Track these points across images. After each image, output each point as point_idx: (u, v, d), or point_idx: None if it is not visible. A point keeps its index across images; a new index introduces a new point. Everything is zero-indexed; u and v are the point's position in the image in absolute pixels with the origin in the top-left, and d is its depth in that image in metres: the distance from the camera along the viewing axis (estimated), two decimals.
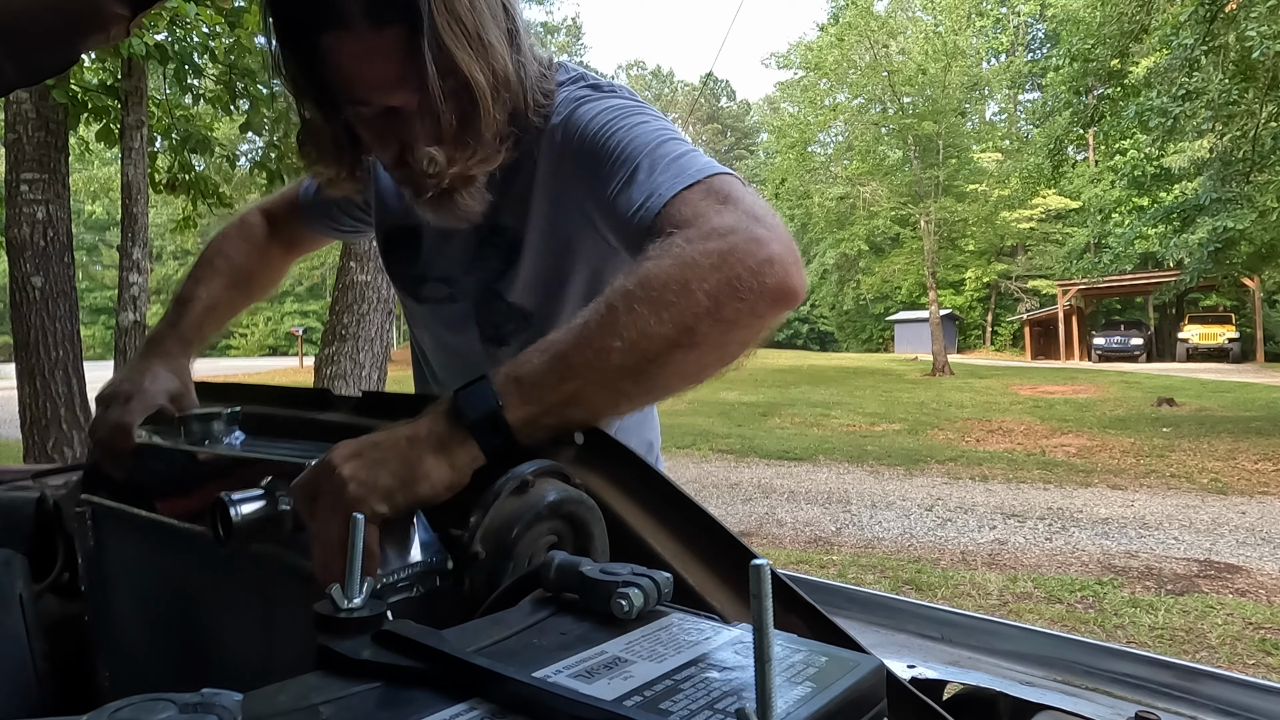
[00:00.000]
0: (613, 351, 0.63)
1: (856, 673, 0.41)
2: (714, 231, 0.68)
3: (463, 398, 0.63)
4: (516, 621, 0.48)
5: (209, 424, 0.80)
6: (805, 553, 5.23)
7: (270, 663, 0.69)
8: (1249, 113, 10.71)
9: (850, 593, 1.15)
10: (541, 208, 0.92)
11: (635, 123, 0.84)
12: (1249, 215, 10.98)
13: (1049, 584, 4.45)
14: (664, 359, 0.64)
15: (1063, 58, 12.74)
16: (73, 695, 0.97)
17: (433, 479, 0.61)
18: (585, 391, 0.64)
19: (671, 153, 0.79)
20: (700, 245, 0.66)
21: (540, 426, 0.64)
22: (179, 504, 0.80)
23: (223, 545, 0.60)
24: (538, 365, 0.64)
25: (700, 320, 0.64)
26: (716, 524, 0.63)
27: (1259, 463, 7.97)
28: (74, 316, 4.95)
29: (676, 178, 0.75)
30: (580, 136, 0.86)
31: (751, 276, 0.65)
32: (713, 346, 0.66)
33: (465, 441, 0.62)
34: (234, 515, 0.60)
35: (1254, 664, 3.40)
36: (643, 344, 0.63)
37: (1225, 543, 5.32)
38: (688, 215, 0.71)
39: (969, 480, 7.55)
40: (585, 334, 0.64)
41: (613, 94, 0.90)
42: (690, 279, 0.64)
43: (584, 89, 0.90)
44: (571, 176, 0.88)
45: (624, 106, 0.87)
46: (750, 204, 0.72)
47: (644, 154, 0.79)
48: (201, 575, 0.78)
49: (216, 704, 0.33)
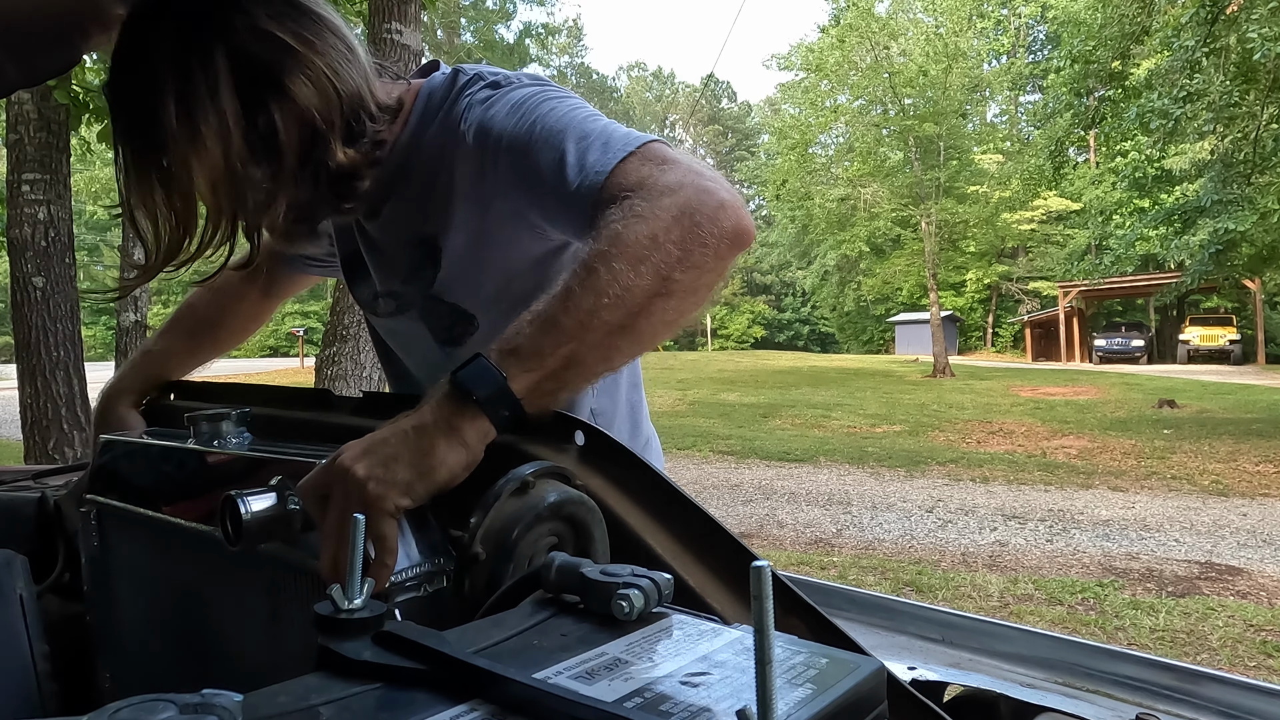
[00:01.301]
0: (601, 309, 0.66)
1: (857, 674, 0.41)
2: (666, 189, 0.72)
3: (464, 377, 0.65)
4: (517, 623, 0.48)
5: (218, 424, 0.80)
6: (806, 554, 5.22)
7: (273, 663, 0.69)
8: (1250, 114, 10.70)
9: (851, 594, 1.15)
10: (465, 211, 0.93)
11: (549, 107, 0.85)
12: (1250, 217, 10.96)
13: (1050, 586, 4.45)
14: (647, 310, 0.68)
15: (1064, 59, 12.75)
16: (73, 696, 0.97)
17: (449, 462, 0.62)
18: (580, 352, 0.66)
19: (596, 128, 0.81)
20: (658, 202, 0.71)
21: (542, 393, 0.66)
22: (186, 504, 0.80)
23: (233, 545, 0.60)
24: (531, 334, 0.66)
25: (674, 269, 0.69)
26: (717, 525, 0.63)
27: (1260, 465, 7.96)
28: (75, 317, 4.95)
29: (612, 150, 0.78)
30: (497, 135, 0.86)
31: (710, 223, 0.70)
32: (687, 292, 0.70)
33: (475, 418, 0.63)
34: (244, 514, 0.60)
35: (1255, 666, 3.39)
36: (627, 298, 0.67)
37: (1226, 545, 5.32)
38: (634, 181, 0.75)
39: (970, 482, 7.54)
40: (571, 298, 0.67)
41: (516, 85, 0.90)
42: (657, 233, 0.69)
43: (484, 89, 0.91)
44: (493, 174, 0.88)
45: (532, 94, 0.88)
46: (688, 162, 0.77)
47: (569, 133, 0.81)
48: (206, 576, 0.78)
49: (216, 704, 0.33)
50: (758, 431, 11.01)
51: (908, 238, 23.12)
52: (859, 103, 21.90)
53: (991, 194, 23.03)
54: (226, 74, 0.77)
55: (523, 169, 0.84)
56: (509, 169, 0.86)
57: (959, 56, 20.54)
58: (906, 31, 21.29)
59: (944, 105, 20.50)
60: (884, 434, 10.84)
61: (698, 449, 9.41)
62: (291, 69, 0.79)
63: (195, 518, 0.77)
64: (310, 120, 0.81)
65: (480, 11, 30.92)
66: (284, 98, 0.79)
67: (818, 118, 22.59)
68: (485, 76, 0.92)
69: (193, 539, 0.77)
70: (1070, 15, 16.54)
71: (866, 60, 20.57)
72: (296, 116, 0.80)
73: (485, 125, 0.87)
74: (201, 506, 0.78)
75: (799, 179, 23.04)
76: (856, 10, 20.42)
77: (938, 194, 21.15)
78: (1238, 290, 22.53)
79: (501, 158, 0.86)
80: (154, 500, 0.85)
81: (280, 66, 0.79)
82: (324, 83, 0.81)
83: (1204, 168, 13.25)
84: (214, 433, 0.80)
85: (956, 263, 31.23)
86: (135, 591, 0.92)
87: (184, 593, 0.83)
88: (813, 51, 23.09)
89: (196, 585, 0.80)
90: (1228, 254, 11.84)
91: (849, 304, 37.33)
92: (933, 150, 21.80)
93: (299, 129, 0.81)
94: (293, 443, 0.85)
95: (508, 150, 0.85)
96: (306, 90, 0.80)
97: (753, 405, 13.94)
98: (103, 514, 0.93)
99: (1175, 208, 12.92)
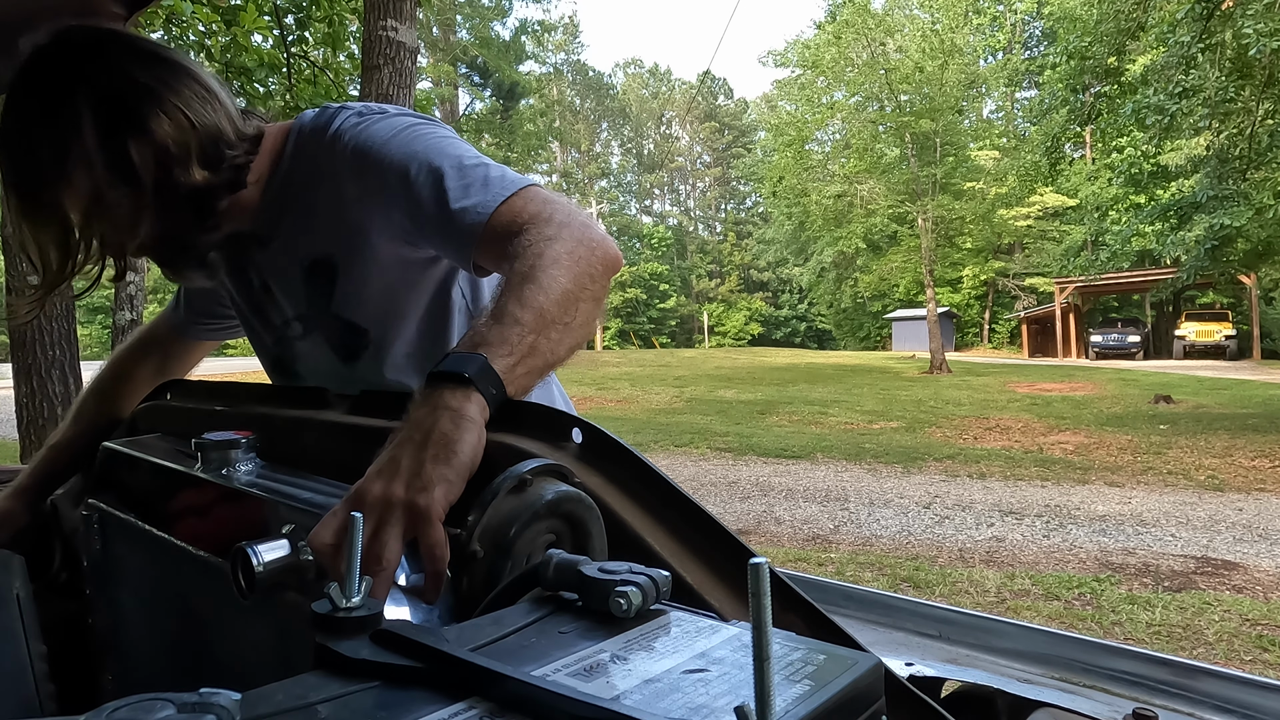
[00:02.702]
0: (550, 305, 0.76)
1: (854, 670, 0.41)
2: (562, 223, 0.85)
3: (448, 365, 0.68)
4: (515, 620, 0.48)
5: (226, 452, 0.79)
6: (803, 550, 5.23)
7: (271, 662, 0.69)
8: (1245, 110, 10.71)
9: (848, 591, 1.15)
10: (350, 228, 1.01)
11: (426, 136, 0.96)
12: (1246, 212, 10.98)
13: (1046, 581, 4.46)
14: (575, 309, 0.79)
15: (1060, 55, 12.73)
16: (71, 695, 0.97)
17: (469, 442, 0.63)
18: (539, 343, 0.74)
19: (473, 163, 0.92)
20: (561, 231, 0.84)
21: (515, 376, 0.71)
22: (191, 530, 0.79)
23: (245, 597, 0.58)
24: (495, 329, 0.73)
25: (590, 280, 0.82)
26: (715, 522, 0.63)
27: (1256, 460, 7.99)
28: (71, 316, 4.93)
29: (493, 189, 0.89)
30: (377, 156, 0.95)
31: (600, 249, 0.85)
32: (595, 301, 0.83)
33: (471, 394, 0.66)
34: (256, 565, 0.58)
35: (1251, 660, 3.41)
36: (565, 299, 0.78)
37: (1222, 539, 5.33)
38: (529, 215, 0.87)
39: (967, 478, 7.56)
40: (524, 297, 0.76)
41: (388, 115, 0.99)
42: (572, 250, 0.82)
43: (354, 116, 1.00)
44: (374, 193, 0.96)
45: (409, 124, 0.97)
46: (563, 203, 0.90)
47: (446, 164, 0.92)
48: (206, 589, 0.77)
49: (215, 703, 0.33)
50: (755, 428, 11.02)
51: (904, 234, 23.15)
52: (855, 99, 21.89)
53: (988, 190, 23.06)
54: (89, 114, 0.88)
55: (402, 191, 0.93)
56: (389, 189, 0.94)
57: (955, 53, 20.55)
58: (902, 28, 21.27)
59: (940, 101, 20.50)
60: (881, 430, 10.86)
61: (695, 446, 9.42)
62: (148, 106, 0.90)
63: (201, 545, 0.76)
64: (166, 149, 0.91)
65: (476, 8, 30.83)
66: (140, 131, 0.90)
67: (814, 114, 22.57)
68: (352, 107, 1.01)
69: (194, 561, 0.76)
70: (1066, 11, 16.55)
71: (863, 57, 20.56)
72: (152, 146, 0.90)
73: (363, 145, 0.96)
74: (207, 533, 0.77)
75: (795, 175, 23.02)
76: (852, 6, 20.41)
77: (934, 190, 21.16)
78: (1233, 286, 22.56)
79: (382, 177, 0.94)
80: (159, 519, 0.84)
81: (137, 104, 0.90)
82: (178, 117, 0.92)
83: (1200, 163, 13.26)
84: (222, 461, 0.79)
85: (953, 259, 31.26)
86: (135, 593, 0.92)
87: (185, 599, 0.82)
88: (809, 48, 23.08)
89: (198, 594, 0.79)
90: (1223, 249, 11.86)
91: (846, 300, 37.37)
92: (929, 146, 21.80)
93: (155, 157, 0.91)
94: (295, 451, 0.85)
95: (388, 171, 0.94)
96: (161, 123, 0.91)
97: (750, 402, 13.95)
98: (105, 519, 0.93)
99: (1171, 203, 12.93)
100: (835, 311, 39.91)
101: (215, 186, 0.95)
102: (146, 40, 1.01)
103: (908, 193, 21.14)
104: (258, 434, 0.82)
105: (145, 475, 0.89)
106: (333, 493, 0.68)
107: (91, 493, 0.95)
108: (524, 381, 0.73)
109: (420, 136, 0.95)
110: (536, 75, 41.58)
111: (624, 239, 54.06)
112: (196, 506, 0.80)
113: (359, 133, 0.96)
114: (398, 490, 0.59)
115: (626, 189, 59.77)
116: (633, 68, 61.18)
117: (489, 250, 0.88)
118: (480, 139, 27.01)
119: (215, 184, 0.95)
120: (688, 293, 53.04)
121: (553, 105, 42.87)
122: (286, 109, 5.80)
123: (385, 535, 0.57)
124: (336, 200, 0.99)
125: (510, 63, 28.76)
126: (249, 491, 0.73)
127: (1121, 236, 15.91)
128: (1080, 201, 27.41)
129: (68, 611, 1.01)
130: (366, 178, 0.96)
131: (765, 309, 50.69)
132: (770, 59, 32.01)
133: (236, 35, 5.48)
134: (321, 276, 1.05)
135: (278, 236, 1.06)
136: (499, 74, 29.72)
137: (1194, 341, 23.52)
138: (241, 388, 1.02)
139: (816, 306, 43.09)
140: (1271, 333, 25.69)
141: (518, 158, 28.12)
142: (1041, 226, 29.90)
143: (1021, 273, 32.43)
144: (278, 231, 1.05)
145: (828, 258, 33.44)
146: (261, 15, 5.46)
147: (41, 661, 0.92)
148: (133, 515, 0.87)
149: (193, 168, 0.92)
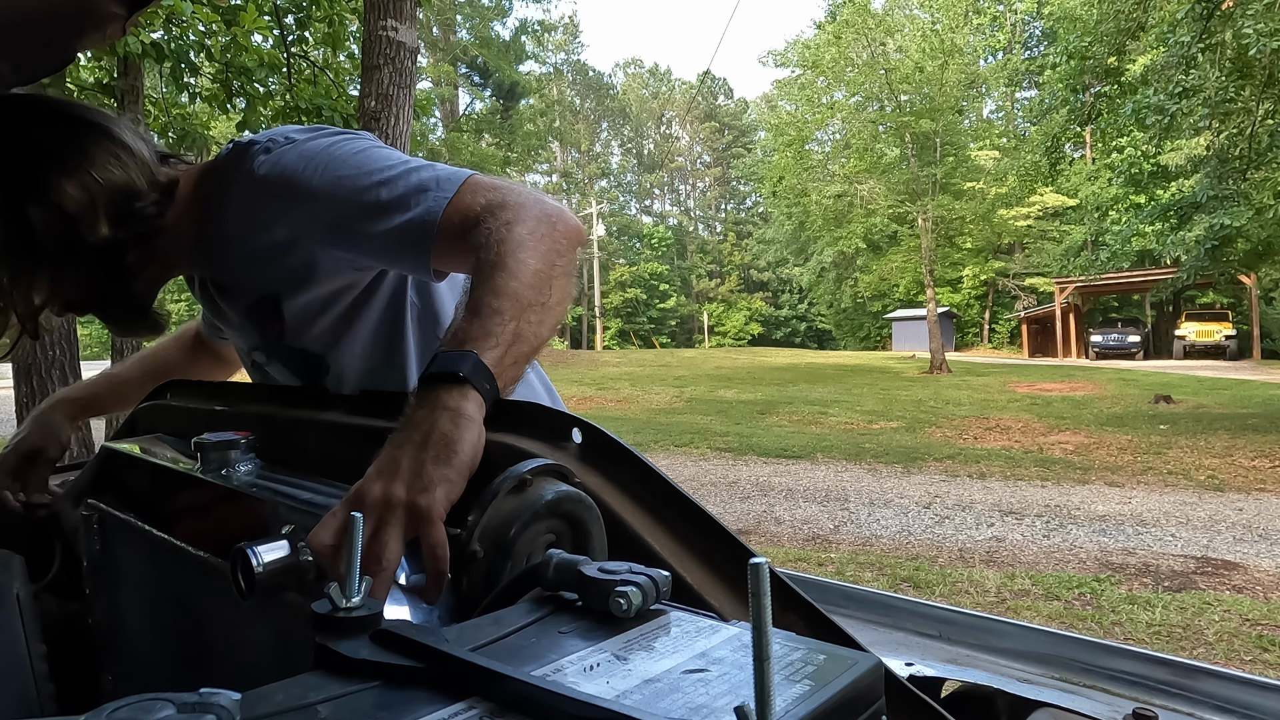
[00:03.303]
0: (524, 290, 0.76)
1: (854, 670, 0.41)
2: (516, 205, 0.84)
3: (440, 364, 0.68)
4: (515, 620, 0.48)
5: (225, 452, 0.80)
6: (803, 551, 5.23)
7: (271, 663, 0.69)
8: (1246, 110, 10.71)
9: (848, 591, 1.15)
10: (285, 261, 0.98)
11: (344, 150, 0.94)
12: (1246, 212, 10.97)
13: (1046, 581, 4.46)
14: (549, 287, 0.79)
15: (1060, 55, 12.71)
16: (71, 695, 0.97)
17: (469, 440, 0.63)
18: (521, 328, 0.74)
19: (401, 171, 0.90)
20: (519, 214, 0.83)
21: (504, 367, 0.71)
22: (191, 529, 0.79)
23: (245, 598, 0.58)
24: (475, 323, 0.73)
25: (558, 256, 0.82)
26: (715, 522, 0.63)
27: (1256, 460, 7.99)
28: (71, 315, 4.93)
29: (435, 193, 0.88)
30: (297, 184, 0.92)
31: (561, 224, 0.85)
32: (566, 275, 0.82)
33: (467, 392, 0.66)
34: (256, 566, 0.58)
35: (1251, 660, 3.41)
36: (537, 281, 0.78)
37: (1222, 539, 5.33)
38: (482, 206, 0.85)
39: (967, 478, 7.55)
40: (498, 287, 0.76)
41: (293, 143, 0.96)
42: (535, 231, 0.81)
43: (261, 151, 0.97)
44: (304, 220, 0.94)
45: (326, 144, 0.95)
46: (507, 184, 0.89)
47: (375, 173, 0.90)
48: (209, 593, 0.77)
49: (215, 703, 0.33)
50: (755, 428, 11.02)
51: (904, 234, 23.14)
52: (855, 99, 21.88)
53: (988, 190, 23.04)
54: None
55: (335, 222, 0.91)
56: (318, 222, 0.92)
57: (955, 53, 20.54)
58: (902, 28, 21.27)
59: (940, 101, 20.49)
60: (881, 430, 10.86)
61: (695, 446, 9.42)
62: (46, 169, 0.90)
63: (200, 546, 0.76)
64: (66, 209, 0.90)
65: (476, 8, 30.82)
66: (39, 195, 0.89)
67: (814, 114, 22.56)
68: (260, 140, 0.99)
69: (194, 561, 0.76)
70: (1066, 11, 16.54)
71: (863, 57, 20.56)
72: (53, 207, 0.89)
73: (283, 182, 0.93)
74: (206, 534, 0.77)
75: (795, 175, 23.01)
76: (852, 6, 20.40)
77: (934, 190, 21.15)
78: (1233, 286, 22.55)
79: (311, 212, 0.92)
80: (158, 520, 0.84)
81: (34, 168, 0.90)
82: (82, 176, 0.91)
83: (1200, 163, 13.25)
84: (222, 461, 0.79)
85: (953, 259, 31.25)
86: (136, 595, 0.92)
87: (185, 600, 0.82)
88: (809, 48, 23.07)
89: (198, 595, 0.79)
90: (1223, 249, 11.85)
91: (846, 300, 37.36)
92: (929, 146, 21.78)
93: (57, 218, 0.90)
94: (294, 451, 0.85)
95: (315, 204, 0.91)
96: (61, 185, 0.90)
97: (750, 402, 13.95)
98: (105, 519, 0.93)
99: (1171, 203, 12.91)
100: (835, 311, 39.90)
101: (124, 241, 0.94)
102: (53, 100, 1.01)
103: (908, 193, 21.13)
104: (257, 434, 0.82)
105: (145, 475, 0.89)
106: (332, 493, 0.68)
107: (91, 493, 0.95)
108: (514, 371, 0.73)
109: (337, 160, 0.92)
110: (536, 75, 41.54)
111: (624, 239, 54.09)
112: (196, 507, 0.80)
113: (276, 170, 0.94)
114: (398, 491, 0.59)
115: (626, 189, 59.76)
116: (633, 68, 61.19)
117: (447, 253, 0.87)
118: (480, 139, 27.00)
119: (125, 238, 0.94)
120: (688, 293, 53.04)
121: (553, 105, 42.81)
122: (286, 109, 5.80)
123: (385, 535, 0.57)
124: (268, 241, 0.97)
125: (510, 63, 28.72)
126: (248, 492, 0.73)
127: (1121, 236, 15.89)
128: (1080, 201, 27.39)
129: (67, 611, 1.01)
130: (294, 214, 0.93)
131: (765, 309, 50.68)
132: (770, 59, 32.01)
133: (236, 35, 5.48)
134: (268, 314, 1.04)
135: (223, 277, 1.06)
136: (499, 74, 29.68)
137: (1194, 341, 23.51)
138: (241, 388, 1.02)
139: (816, 306, 43.09)
140: (1271, 333, 25.69)
141: (518, 157, 28.09)
142: (1041, 226, 29.89)
143: (1021, 273, 32.42)
144: (221, 273, 1.06)
145: (828, 258, 33.44)
146: (261, 15, 5.46)
147: (41, 661, 0.92)
148: (132, 515, 0.87)
149: (100, 225, 0.92)
